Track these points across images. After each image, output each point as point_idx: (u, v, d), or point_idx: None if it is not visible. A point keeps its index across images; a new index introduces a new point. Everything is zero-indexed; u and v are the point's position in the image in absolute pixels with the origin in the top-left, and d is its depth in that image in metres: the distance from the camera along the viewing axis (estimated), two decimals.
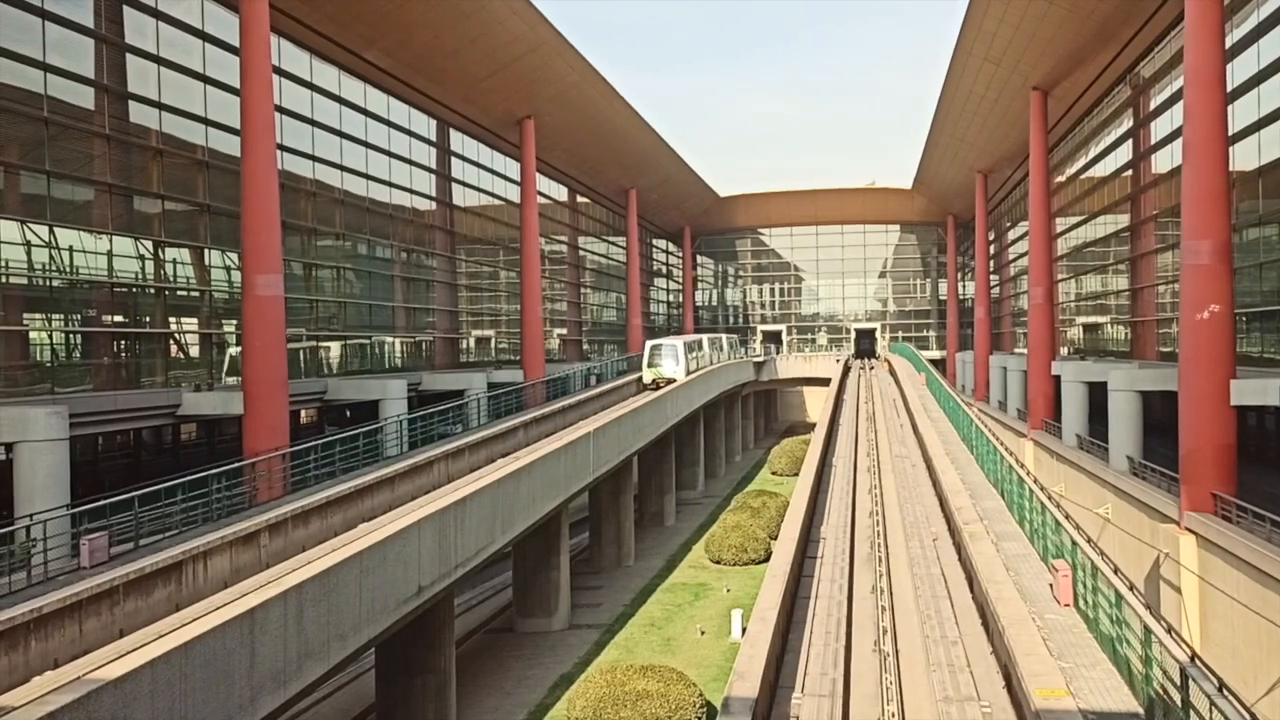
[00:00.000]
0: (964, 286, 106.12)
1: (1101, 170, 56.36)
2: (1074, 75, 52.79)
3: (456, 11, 46.21)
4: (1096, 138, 56.85)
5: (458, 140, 60.22)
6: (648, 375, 57.12)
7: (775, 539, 32.22)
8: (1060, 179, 63.64)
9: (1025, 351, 64.62)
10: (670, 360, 57.17)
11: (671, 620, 33.62)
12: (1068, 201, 62.96)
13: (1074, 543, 20.10)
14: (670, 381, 55.55)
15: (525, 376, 58.69)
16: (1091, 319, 62.49)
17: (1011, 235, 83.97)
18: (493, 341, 67.43)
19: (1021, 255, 75.44)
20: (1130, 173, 50.94)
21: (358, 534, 23.77)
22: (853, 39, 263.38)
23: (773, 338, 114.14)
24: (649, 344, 59.02)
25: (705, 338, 67.70)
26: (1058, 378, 53.30)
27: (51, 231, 31.00)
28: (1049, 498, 24.81)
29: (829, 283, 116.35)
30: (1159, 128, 46.07)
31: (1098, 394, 45.42)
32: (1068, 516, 22.94)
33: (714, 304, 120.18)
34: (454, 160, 59.90)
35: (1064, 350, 63.50)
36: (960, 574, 25.25)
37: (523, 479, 28.44)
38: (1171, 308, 44.61)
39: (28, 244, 30.39)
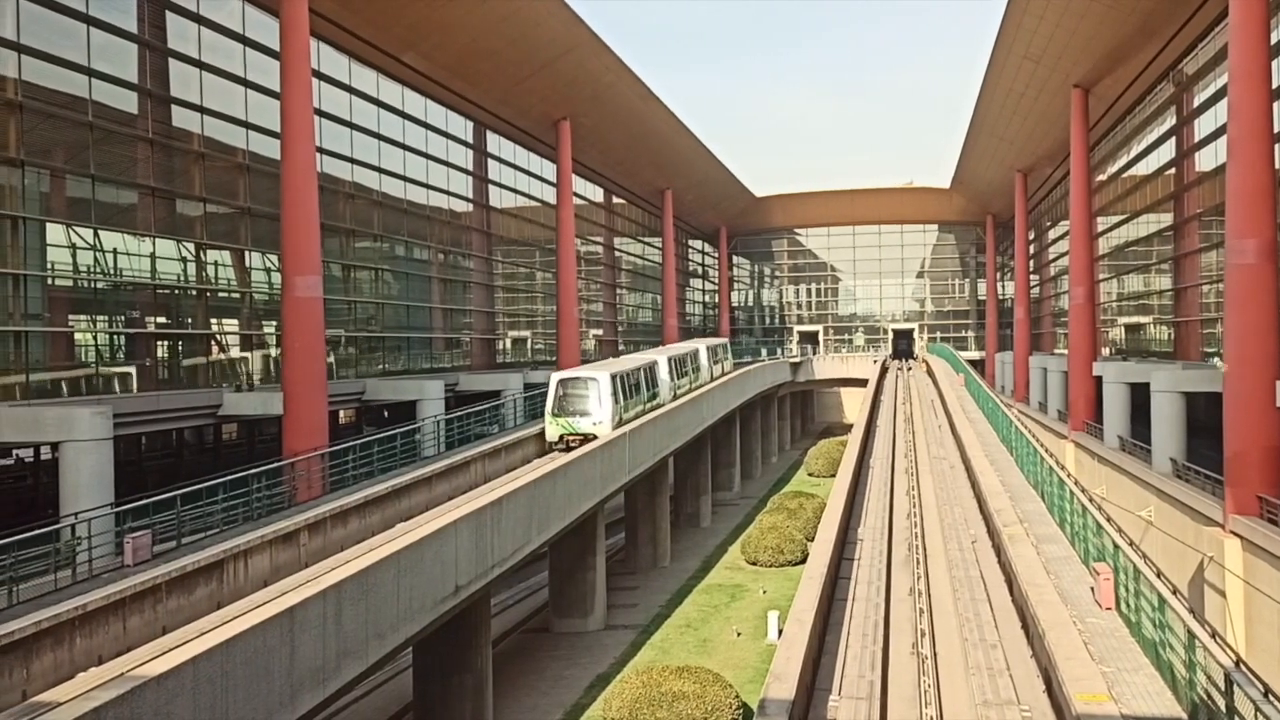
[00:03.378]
0: (1003, 287, 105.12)
1: (1144, 169, 55.62)
2: (1116, 72, 52.15)
3: (494, 14, 46.42)
4: (1139, 136, 56.11)
5: (494, 142, 60.48)
6: (553, 429, 36.76)
7: (812, 540, 32.09)
8: (1102, 178, 62.87)
9: (1066, 352, 63.87)
10: (592, 403, 36.42)
11: (707, 621, 33.54)
12: (1109, 200, 62.20)
13: (1116, 545, 19.85)
14: (587, 439, 35.55)
15: None
16: (1134, 319, 61.70)
17: (1052, 235, 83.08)
18: (529, 342, 67.66)
19: (1062, 255, 74.60)
20: (1173, 171, 50.24)
21: (395, 534, 23.93)
22: (889, 37, 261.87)
23: (809, 338, 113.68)
24: (555, 378, 37.73)
25: (664, 357, 47.72)
26: (1099, 379, 52.68)
27: (96, 234, 31.48)
28: (1090, 500, 24.52)
29: (866, 283, 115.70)
30: (1203, 125, 45.39)
31: (1140, 395, 44.88)
32: (1109, 519, 22.67)
33: (750, 304, 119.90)
34: (491, 162, 60.17)
35: (1105, 351, 62.74)
36: (999, 576, 25.01)
37: (558, 479, 28.49)
38: (1216, 308, 43.94)
39: (73, 247, 30.88)
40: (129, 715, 11.48)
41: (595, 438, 35.28)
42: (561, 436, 36.52)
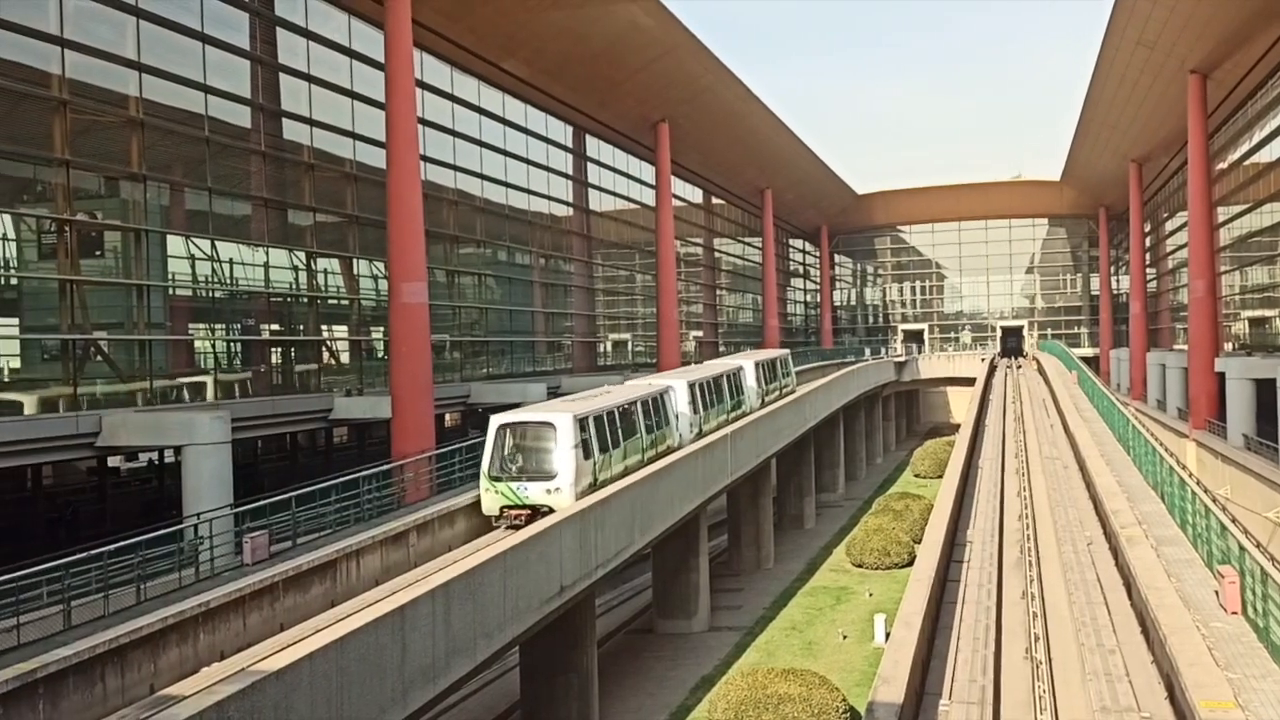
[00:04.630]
0: (1118, 281, 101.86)
1: (1267, 155, 53.31)
2: (1235, 56, 50.09)
3: (592, 18, 46.78)
4: (1261, 121, 53.79)
5: (594, 145, 60.95)
6: (490, 499, 25.20)
7: (919, 542, 31.52)
8: (1222, 165, 60.48)
9: (1186, 348, 61.62)
10: (550, 459, 25.03)
11: (812, 624, 33.22)
12: (1231, 189, 59.77)
13: (1241, 548, 19.03)
14: (537, 513, 24.23)
15: None
16: (1258, 313, 59.18)
17: (1169, 226, 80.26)
18: (629, 344, 67.95)
19: (1181, 247, 72.00)
20: None
21: (501, 534, 24.24)
22: (993, 27, 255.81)
23: (914, 337, 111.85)
24: (495, 421, 25.74)
25: (683, 382, 35.02)
26: (1222, 375, 50.77)
27: (213, 245, 32.67)
28: (1213, 500, 23.58)
29: (973, 280, 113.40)
30: None
31: (1266, 392, 43.13)
32: (1234, 520, 21.74)
33: (852, 304, 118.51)
34: (590, 165, 60.66)
35: (1228, 346, 60.31)
36: (1117, 580, 24.22)
37: (661, 480, 28.52)
38: None
39: (192, 257, 32.11)
40: (250, 709, 11.83)
41: (550, 510, 23.53)
42: (503, 510, 24.76)
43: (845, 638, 31.17)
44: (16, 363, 28.35)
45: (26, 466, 29.48)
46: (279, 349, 37.03)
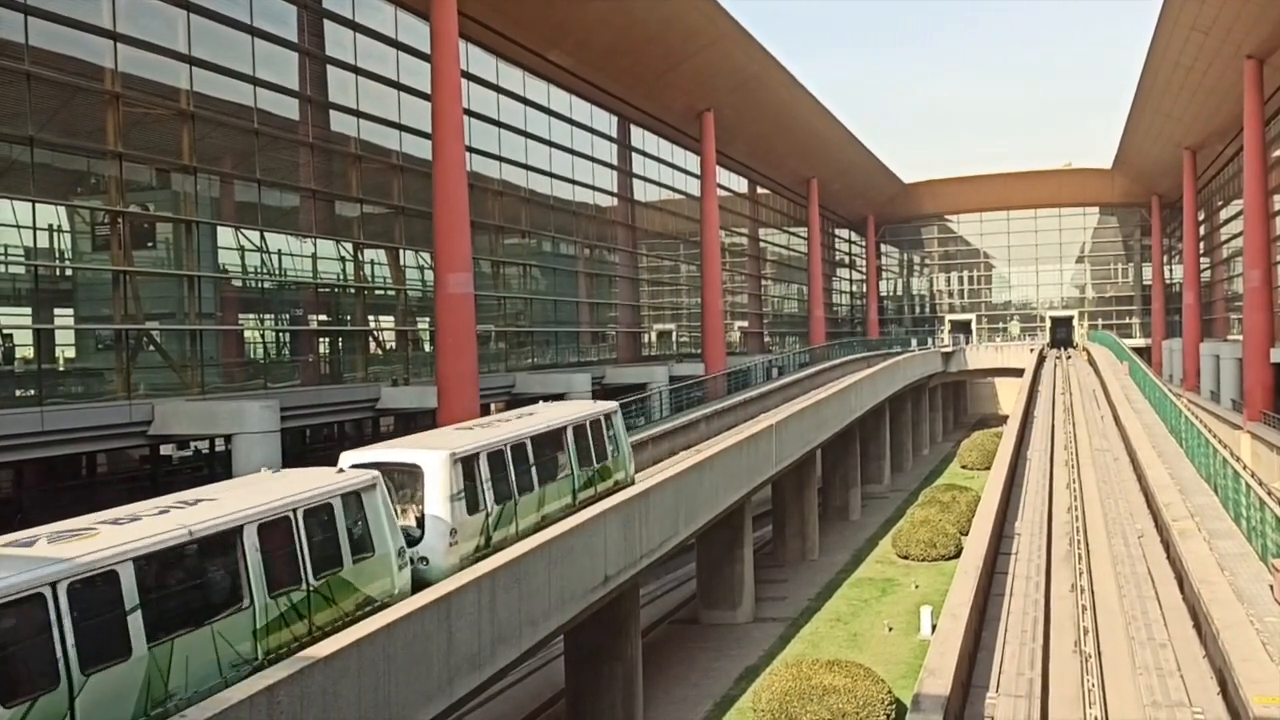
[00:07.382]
0: (1170, 270, 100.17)
1: None
2: None
3: (637, 8, 46.70)
4: None
5: (638, 136, 60.89)
6: None
7: (966, 535, 31.22)
8: (1279, 153, 59.19)
9: (1240, 338, 60.45)
10: None
11: (858, 615, 33.05)
12: None
13: None
14: None
15: (706, 369, 58.79)
16: None
17: (1224, 214, 78.76)
18: (674, 335, 67.89)
19: (1236, 236, 70.62)
20: None
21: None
22: (1043, 15, 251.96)
23: (961, 327, 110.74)
24: None
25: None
26: (1277, 366, 49.75)
27: (262, 236, 33.05)
28: (1269, 493, 23.13)
29: (1021, 270, 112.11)
30: None
31: None
32: None
33: (899, 294, 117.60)
34: (635, 156, 60.61)
35: None
36: (1169, 573, 23.84)
37: (705, 471, 28.48)
38: None
39: (241, 249, 32.51)
40: (300, 694, 11.98)
41: None
42: None
43: (891, 629, 30.98)
44: (71, 352, 28.88)
45: (82, 454, 30.04)
46: (327, 339, 37.40)
